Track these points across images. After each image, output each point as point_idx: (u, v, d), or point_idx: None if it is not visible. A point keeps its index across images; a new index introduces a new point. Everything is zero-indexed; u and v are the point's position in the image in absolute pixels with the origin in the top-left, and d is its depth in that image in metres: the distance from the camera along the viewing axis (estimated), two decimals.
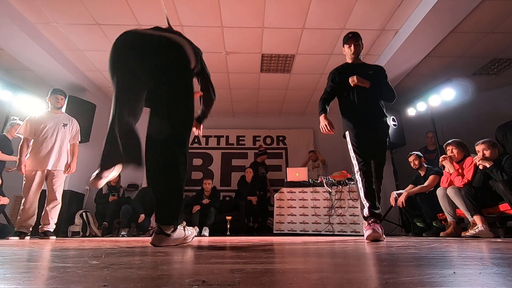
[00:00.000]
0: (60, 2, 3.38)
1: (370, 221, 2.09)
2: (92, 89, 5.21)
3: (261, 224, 4.83)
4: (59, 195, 3.28)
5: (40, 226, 3.18)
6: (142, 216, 4.44)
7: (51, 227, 3.20)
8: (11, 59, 4.18)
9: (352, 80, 2.27)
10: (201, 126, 2.07)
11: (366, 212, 2.15)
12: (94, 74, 4.94)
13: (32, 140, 3.20)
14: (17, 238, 3.01)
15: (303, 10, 3.51)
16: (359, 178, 2.23)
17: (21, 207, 3.07)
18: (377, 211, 2.15)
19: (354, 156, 2.29)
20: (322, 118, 2.33)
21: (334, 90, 2.43)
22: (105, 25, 3.76)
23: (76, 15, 3.57)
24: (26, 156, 3.14)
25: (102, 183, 1.32)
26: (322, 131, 2.34)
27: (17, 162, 3.12)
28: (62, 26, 3.79)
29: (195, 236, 1.85)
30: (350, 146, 2.34)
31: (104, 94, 5.57)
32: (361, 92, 2.32)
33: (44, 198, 3.28)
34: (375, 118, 2.34)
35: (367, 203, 2.15)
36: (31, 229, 3.13)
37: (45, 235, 3.12)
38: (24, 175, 3.14)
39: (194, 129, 1.96)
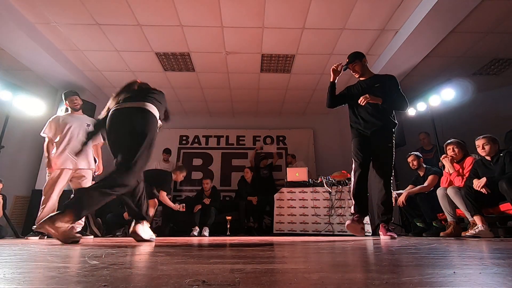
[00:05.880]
0: (60, 2, 3.38)
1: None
2: (92, 89, 5.21)
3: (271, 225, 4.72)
4: None
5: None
6: (126, 214, 4.11)
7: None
8: (11, 59, 4.18)
9: (361, 100, 2.54)
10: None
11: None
12: (94, 74, 4.93)
13: (57, 139, 3.16)
14: (36, 238, 2.97)
15: (303, 10, 3.51)
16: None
17: (43, 205, 2.96)
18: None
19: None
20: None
21: (339, 96, 2.85)
22: (105, 25, 3.76)
23: (76, 15, 3.57)
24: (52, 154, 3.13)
25: None
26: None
27: (47, 160, 3.10)
28: (62, 26, 3.78)
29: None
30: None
31: (104, 94, 5.56)
32: (363, 106, 2.62)
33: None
34: (375, 127, 2.70)
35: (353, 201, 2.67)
36: None
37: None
38: (49, 173, 3.07)
39: None
